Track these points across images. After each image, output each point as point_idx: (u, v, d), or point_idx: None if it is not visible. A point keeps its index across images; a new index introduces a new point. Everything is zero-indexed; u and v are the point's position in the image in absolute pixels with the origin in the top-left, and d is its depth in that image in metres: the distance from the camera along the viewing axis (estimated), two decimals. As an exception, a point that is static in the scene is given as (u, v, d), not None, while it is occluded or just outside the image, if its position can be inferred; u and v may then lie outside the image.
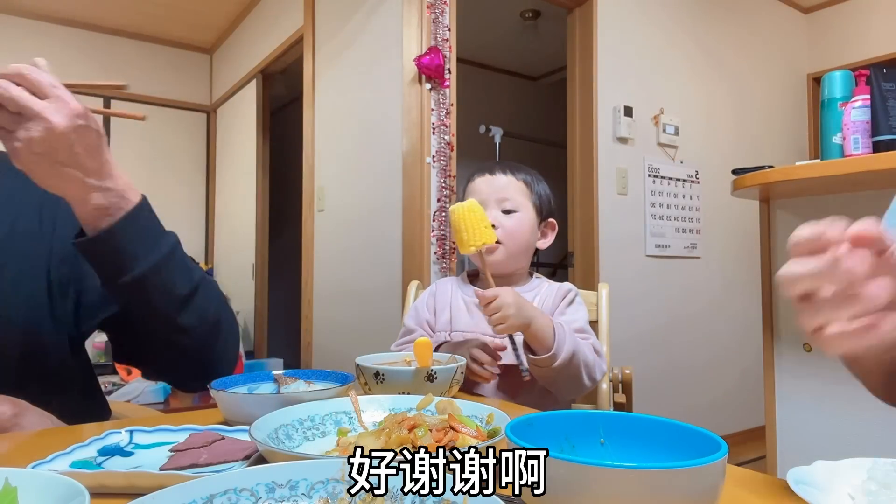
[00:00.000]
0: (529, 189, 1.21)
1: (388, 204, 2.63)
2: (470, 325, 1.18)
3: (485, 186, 1.20)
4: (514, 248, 1.18)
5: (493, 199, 1.18)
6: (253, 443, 0.54)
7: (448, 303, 1.23)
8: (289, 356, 4.14)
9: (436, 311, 1.24)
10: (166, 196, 4.82)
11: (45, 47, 4.41)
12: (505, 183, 1.20)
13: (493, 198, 1.18)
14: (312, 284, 3.29)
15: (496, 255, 1.16)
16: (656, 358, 3.04)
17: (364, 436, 0.57)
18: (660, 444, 0.47)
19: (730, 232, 3.41)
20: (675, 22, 3.26)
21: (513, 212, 1.18)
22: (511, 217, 1.18)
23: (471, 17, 3.29)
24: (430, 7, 2.47)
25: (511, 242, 1.17)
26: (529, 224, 1.20)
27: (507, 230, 1.17)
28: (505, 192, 1.19)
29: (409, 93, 2.47)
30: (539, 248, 1.25)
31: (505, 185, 1.20)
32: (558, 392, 1.10)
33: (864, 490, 0.43)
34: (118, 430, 0.63)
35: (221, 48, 4.92)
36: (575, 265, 2.94)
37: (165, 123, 4.88)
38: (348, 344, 2.93)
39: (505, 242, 1.17)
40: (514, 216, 1.18)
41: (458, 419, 0.58)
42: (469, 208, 1.04)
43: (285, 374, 0.87)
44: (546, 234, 1.25)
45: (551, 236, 1.26)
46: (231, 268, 4.68)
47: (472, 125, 4.08)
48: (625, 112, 2.97)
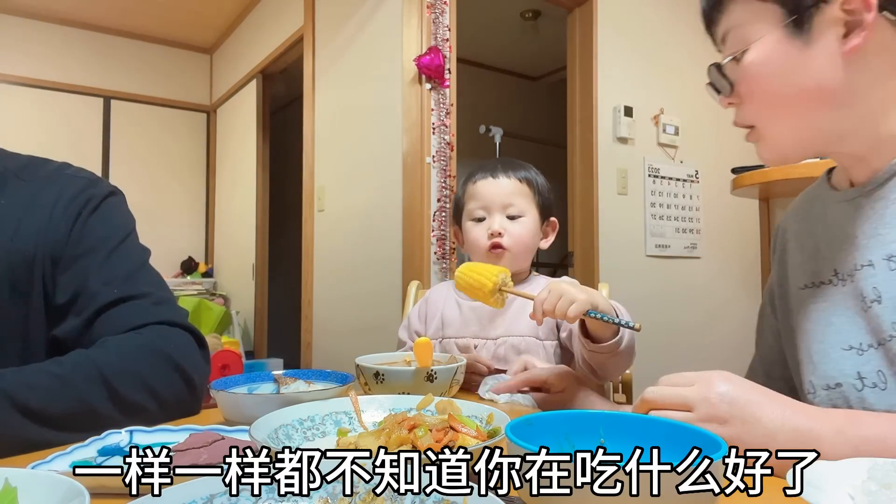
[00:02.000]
0: (532, 189, 1.20)
1: (388, 204, 2.63)
2: (460, 330, 1.18)
3: (488, 191, 1.19)
4: (518, 253, 1.18)
5: (497, 204, 1.18)
6: (253, 443, 0.54)
7: (440, 309, 1.23)
8: (289, 356, 4.14)
9: (427, 318, 1.24)
10: (166, 196, 4.83)
11: (45, 47, 4.42)
12: (508, 187, 1.18)
13: (497, 202, 1.18)
14: (312, 284, 3.29)
15: (503, 263, 1.15)
16: (656, 358, 3.04)
17: (364, 436, 0.57)
18: (660, 444, 0.47)
19: (730, 232, 3.41)
20: (676, 21, 3.26)
21: (518, 217, 1.18)
22: (517, 223, 1.18)
23: (471, 17, 3.29)
24: (430, 7, 2.47)
25: (517, 247, 1.17)
26: (534, 228, 1.20)
27: (513, 236, 1.17)
28: (509, 197, 1.18)
29: (409, 93, 2.47)
30: (541, 247, 1.25)
31: (509, 191, 1.18)
32: (606, 376, 1.01)
33: (864, 490, 0.43)
34: (118, 431, 0.63)
35: (221, 48, 4.92)
36: (575, 265, 2.94)
37: (165, 123, 4.88)
38: (348, 344, 2.93)
39: (511, 248, 1.16)
40: (520, 221, 1.18)
41: (458, 419, 0.58)
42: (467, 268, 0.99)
43: (285, 374, 0.87)
44: (548, 234, 1.25)
45: (552, 235, 1.26)
46: (231, 268, 4.68)
47: (472, 125, 4.08)
48: (625, 112, 2.97)
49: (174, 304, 0.90)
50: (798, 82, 0.66)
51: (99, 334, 0.80)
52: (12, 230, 0.85)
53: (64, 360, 0.73)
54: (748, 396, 0.58)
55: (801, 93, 0.67)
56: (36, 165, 0.94)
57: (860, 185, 0.71)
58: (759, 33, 0.67)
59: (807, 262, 0.79)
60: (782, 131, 0.71)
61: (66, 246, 0.86)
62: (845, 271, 0.72)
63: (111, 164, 4.57)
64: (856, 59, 0.63)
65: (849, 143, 0.69)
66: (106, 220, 0.92)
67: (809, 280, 0.77)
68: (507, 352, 1.12)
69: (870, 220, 0.69)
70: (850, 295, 0.70)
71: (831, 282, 0.74)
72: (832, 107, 0.66)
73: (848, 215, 0.72)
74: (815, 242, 0.78)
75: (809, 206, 0.83)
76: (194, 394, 0.82)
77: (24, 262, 0.84)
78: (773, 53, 0.67)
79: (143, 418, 0.69)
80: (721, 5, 0.71)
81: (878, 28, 0.62)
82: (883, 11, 0.62)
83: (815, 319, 0.75)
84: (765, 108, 0.71)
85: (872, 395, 0.67)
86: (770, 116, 0.71)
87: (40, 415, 0.66)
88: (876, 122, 0.66)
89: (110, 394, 0.72)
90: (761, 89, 0.69)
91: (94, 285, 0.84)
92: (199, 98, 5.06)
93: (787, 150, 0.72)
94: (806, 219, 0.82)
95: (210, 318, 4.15)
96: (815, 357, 0.73)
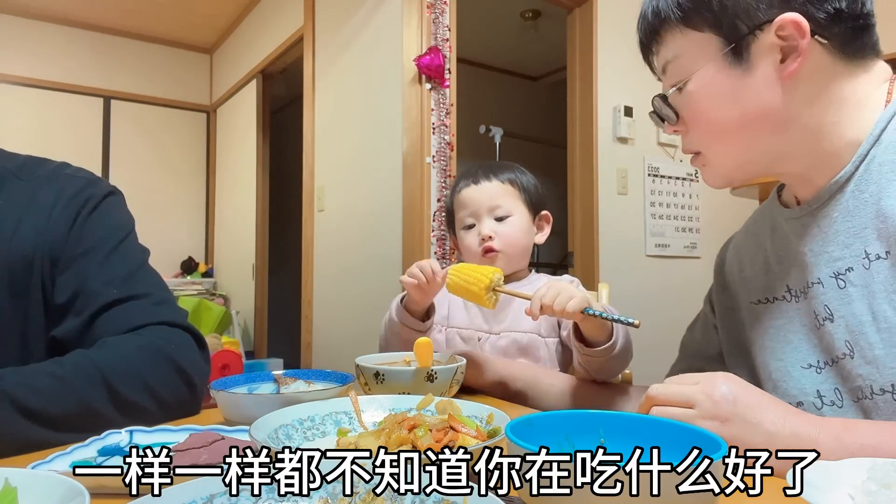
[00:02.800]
0: (517, 188, 1.20)
1: (388, 204, 2.63)
2: (466, 321, 1.18)
3: (473, 197, 1.19)
4: (512, 253, 1.18)
5: (484, 208, 1.18)
6: (253, 443, 0.54)
7: (447, 299, 1.23)
8: (289, 356, 4.14)
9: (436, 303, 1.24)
10: (166, 196, 4.82)
11: (45, 47, 4.42)
12: (492, 190, 1.18)
13: (483, 207, 1.18)
14: (312, 284, 3.29)
15: (498, 264, 1.15)
16: (656, 357, 3.03)
17: (364, 436, 0.57)
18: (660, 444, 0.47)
19: (730, 231, 3.37)
20: (675, 22, 3.26)
21: (506, 217, 1.18)
22: (505, 223, 1.17)
23: (471, 17, 3.29)
24: (430, 7, 2.47)
25: (509, 248, 1.17)
26: (525, 225, 1.20)
27: (503, 238, 1.17)
28: (494, 199, 1.18)
29: (409, 93, 2.47)
30: (537, 242, 1.25)
31: (493, 193, 1.18)
32: (602, 378, 1.01)
33: (864, 490, 0.43)
34: (118, 431, 0.63)
35: (221, 48, 4.92)
36: (575, 265, 2.95)
37: (165, 123, 4.88)
38: (348, 344, 2.93)
39: (503, 250, 1.16)
40: (509, 222, 1.18)
41: (458, 419, 0.58)
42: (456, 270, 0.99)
43: (285, 374, 0.87)
44: (542, 228, 1.25)
45: (547, 228, 1.26)
46: (231, 268, 4.68)
47: (472, 125, 4.08)
48: (625, 112, 2.97)
49: (174, 304, 0.90)
50: (739, 108, 0.69)
51: (98, 335, 0.80)
52: (11, 230, 0.85)
53: (64, 361, 0.73)
54: (751, 398, 0.59)
55: (742, 117, 0.69)
56: (34, 165, 0.93)
57: (805, 203, 0.73)
58: (698, 63, 0.69)
59: (757, 277, 0.81)
60: (727, 155, 0.73)
61: (65, 246, 0.86)
62: (798, 288, 0.73)
63: (111, 164, 4.57)
64: (792, 82, 0.66)
65: (791, 163, 0.71)
66: (105, 219, 0.91)
67: (763, 295, 0.79)
68: (508, 345, 1.13)
69: (816, 238, 0.71)
70: (804, 312, 0.72)
71: (785, 298, 0.75)
72: (773, 129, 0.69)
73: (796, 232, 0.74)
74: (764, 257, 0.80)
75: (760, 222, 0.84)
76: (194, 394, 0.81)
77: (23, 262, 0.84)
78: (713, 83, 0.69)
79: (144, 419, 0.69)
80: (659, 36, 0.74)
81: (811, 52, 0.65)
82: (815, 36, 0.64)
83: (772, 336, 0.76)
84: (709, 134, 0.73)
85: (831, 412, 0.68)
86: (714, 142, 0.73)
87: (40, 415, 0.66)
88: (816, 140, 0.68)
89: (110, 394, 0.72)
90: (705, 117, 0.72)
91: (94, 285, 0.84)
92: (199, 98, 5.06)
93: (732, 173, 0.75)
94: (756, 234, 0.84)
95: (210, 318, 4.15)
96: (774, 375, 0.74)
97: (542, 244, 1.31)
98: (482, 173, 1.20)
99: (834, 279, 0.67)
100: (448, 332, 1.19)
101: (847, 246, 0.67)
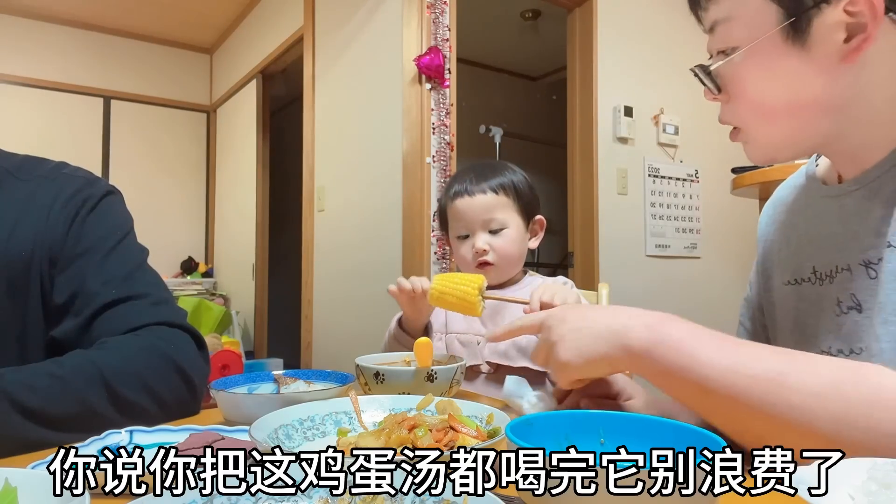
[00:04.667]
0: (510, 196, 1.18)
1: (388, 204, 2.63)
2: (464, 327, 1.18)
3: (467, 211, 1.18)
4: (506, 265, 1.19)
5: (477, 222, 1.17)
6: (253, 443, 0.54)
7: None
8: (289, 356, 4.14)
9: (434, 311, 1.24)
10: (166, 196, 4.83)
11: (45, 47, 4.42)
12: (486, 203, 1.17)
13: (477, 221, 1.17)
14: (312, 284, 3.29)
15: (492, 276, 1.16)
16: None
17: (364, 436, 0.57)
18: (660, 444, 0.47)
19: (730, 231, 3.41)
20: (675, 21, 3.26)
21: (500, 230, 1.17)
22: (500, 236, 1.17)
23: (471, 17, 3.29)
24: (429, 7, 2.47)
25: (503, 261, 1.17)
26: (518, 235, 1.19)
27: (498, 251, 1.16)
28: (488, 212, 1.17)
29: (409, 93, 2.47)
30: (530, 248, 1.24)
31: (487, 206, 1.17)
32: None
33: (864, 490, 0.43)
34: (118, 430, 0.63)
35: (221, 48, 4.92)
36: (575, 265, 2.95)
37: (165, 123, 4.88)
38: (348, 344, 2.93)
39: (497, 263, 1.17)
40: (503, 234, 1.17)
41: (458, 419, 0.58)
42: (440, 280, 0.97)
43: (285, 374, 0.87)
44: (536, 233, 1.25)
45: (541, 233, 1.25)
46: (231, 268, 4.68)
47: (472, 125, 4.08)
48: (625, 112, 2.97)
49: (173, 304, 0.90)
50: (793, 92, 0.62)
51: (97, 335, 0.80)
52: (9, 230, 0.84)
53: (63, 361, 0.73)
54: (581, 310, 0.67)
55: (794, 102, 0.63)
56: (33, 164, 0.93)
57: (846, 182, 0.68)
58: (751, 33, 0.62)
59: (791, 256, 0.76)
60: (773, 135, 0.67)
61: (63, 246, 0.86)
62: (823, 271, 0.69)
63: (111, 164, 4.57)
64: (857, 63, 0.59)
65: (844, 143, 0.66)
66: (104, 219, 0.91)
67: (792, 277, 0.75)
68: (508, 348, 1.13)
69: (850, 221, 0.66)
70: (825, 296, 0.68)
71: (809, 280, 0.71)
72: (829, 114, 0.63)
73: (831, 212, 0.69)
74: (797, 236, 0.76)
75: (794, 197, 0.80)
76: (194, 394, 0.81)
77: (22, 261, 0.83)
78: (766, 60, 0.62)
79: (143, 419, 0.69)
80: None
81: (883, 31, 0.58)
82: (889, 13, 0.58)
83: (792, 319, 0.74)
84: (753, 112, 0.67)
85: None
86: (758, 122, 0.67)
87: (40, 415, 0.66)
88: (878, 123, 0.63)
89: (110, 394, 0.72)
90: (752, 95, 0.65)
91: (93, 285, 0.83)
92: (199, 98, 5.06)
93: (779, 151, 0.69)
94: (791, 210, 0.79)
95: (210, 318, 4.15)
96: None
97: (542, 244, 1.31)
98: (475, 181, 1.19)
99: (864, 268, 0.63)
100: (447, 338, 1.19)
101: (882, 235, 0.62)
